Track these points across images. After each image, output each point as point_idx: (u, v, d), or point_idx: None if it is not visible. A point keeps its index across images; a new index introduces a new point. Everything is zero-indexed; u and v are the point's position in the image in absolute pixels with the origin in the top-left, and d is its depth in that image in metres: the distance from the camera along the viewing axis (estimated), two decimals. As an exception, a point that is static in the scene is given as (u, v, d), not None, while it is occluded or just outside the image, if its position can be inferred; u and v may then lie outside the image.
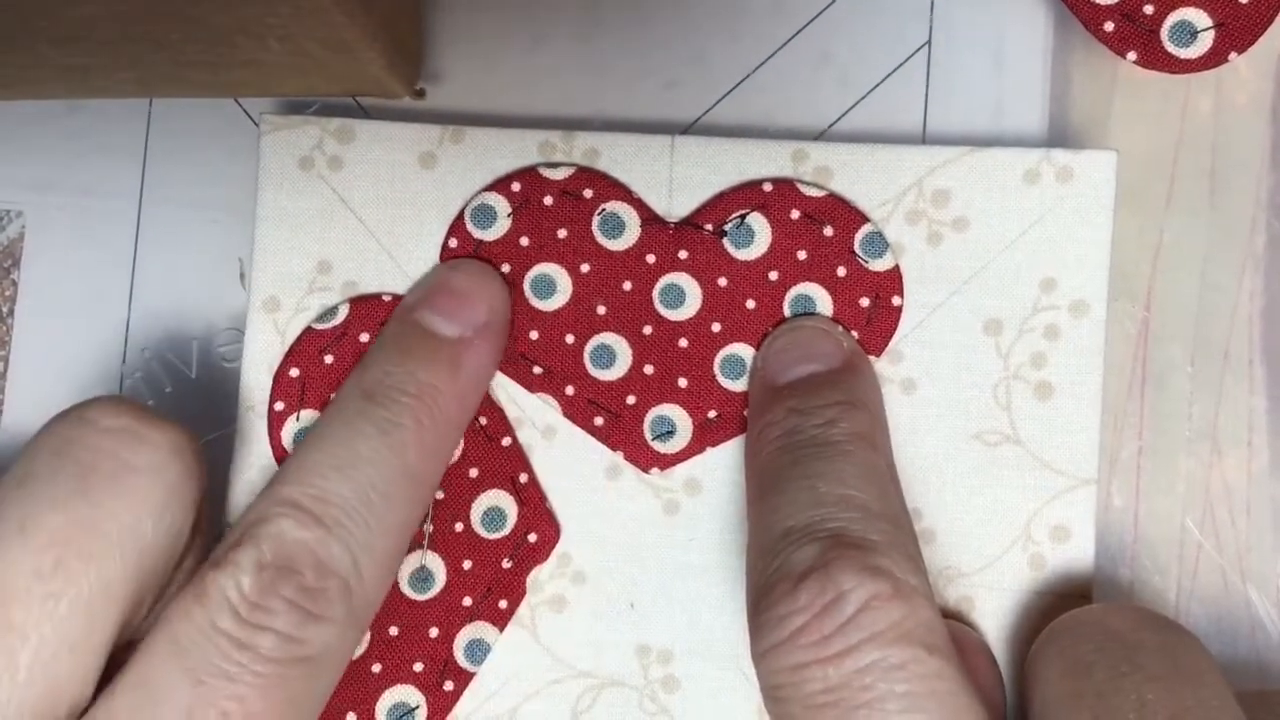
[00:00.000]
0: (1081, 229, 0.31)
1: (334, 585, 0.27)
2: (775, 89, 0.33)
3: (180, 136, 0.34)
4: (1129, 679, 0.25)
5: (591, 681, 0.31)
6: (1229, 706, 0.25)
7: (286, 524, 0.27)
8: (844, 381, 0.30)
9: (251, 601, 0.26)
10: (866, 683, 0.24)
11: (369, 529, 0.27)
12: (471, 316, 0.30)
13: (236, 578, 0.26)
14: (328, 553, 0.27)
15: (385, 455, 0.28)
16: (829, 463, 0.28)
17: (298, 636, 0.26)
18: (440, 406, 0.29)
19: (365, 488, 0.28)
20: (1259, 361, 0.32)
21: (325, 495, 0.27)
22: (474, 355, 0.30)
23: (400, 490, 0.28)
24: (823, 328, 0.31)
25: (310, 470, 0.28)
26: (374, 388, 0.29)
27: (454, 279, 0.31)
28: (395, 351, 0.30)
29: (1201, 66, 0.31)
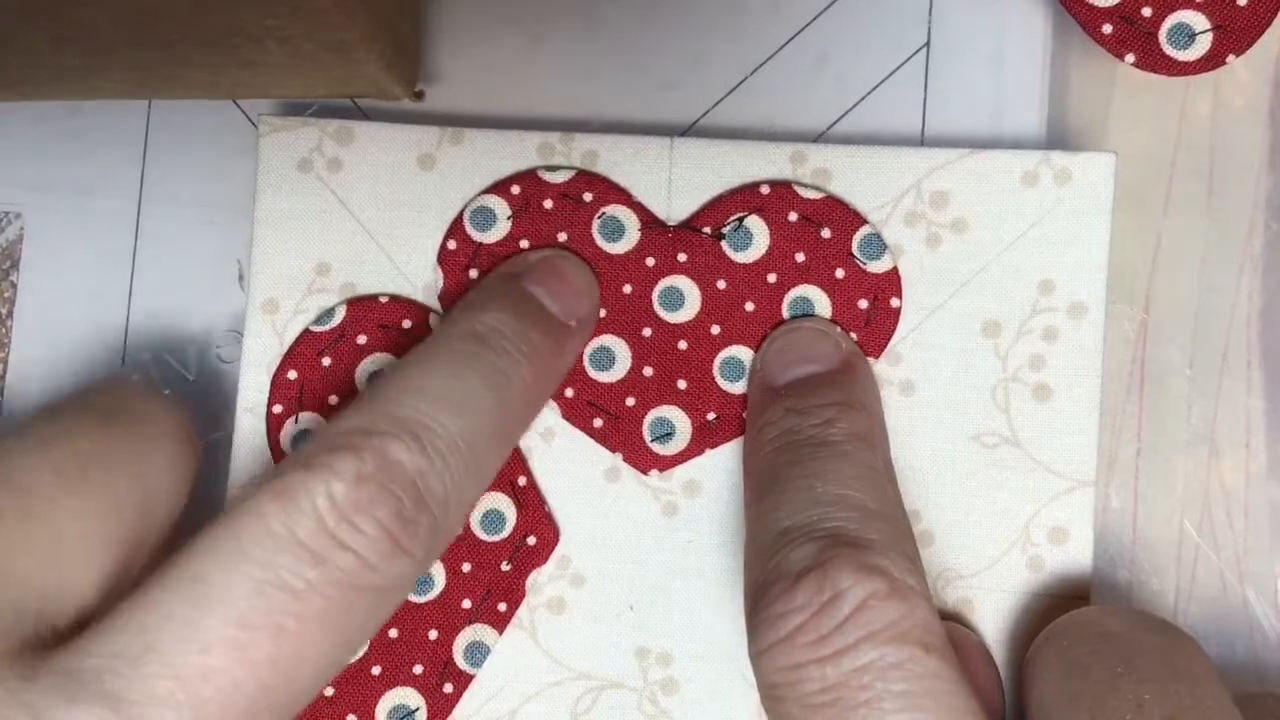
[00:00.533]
0: (1080, 231, 0.31)
1: (426, 520, 0.25)
2: (774, 91, 0.33)
3: (179, 138, 0.34)
4: (1125, 680, 0.25)
5: (591, 683, 0.31)
6: (1226, 707, 0.25)
7: (394, 443, 0.25)
8: (842, 382, 0.30)
9: (342, 514, 0.24)
10: (864, 682, 0.24)
11: (465, 472, 0.26)
12: (576, 307, 0.30)
13: (330, 485, 0.24)
14: (428, 485, 0.25)
15: (491, 405, 0.27)
16: (826, 462, 0.28)
17: (377, 565, 0.24)
18: (541, 374, 0.28)
19: (470, 430, 0.26)
20: (1257, 363, 0.32)
21: (435, 425, 0.26)
22: (572, 343, 0.30)
23: (494, 444, 0.27)
24: (821, 329, 0.31)
25: (422, 396, 0.26)
26: (489, 335, 0.28)
27: (564, 266, 0.31)
28: (509, 308, 0.29)
29: (1200, 69, 0.31)
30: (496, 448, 0.28)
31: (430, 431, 0.26)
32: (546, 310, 0.30)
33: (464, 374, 0.27)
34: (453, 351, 0.27)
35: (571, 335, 0.30)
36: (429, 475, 0.25)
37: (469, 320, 0.28)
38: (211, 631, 0.23)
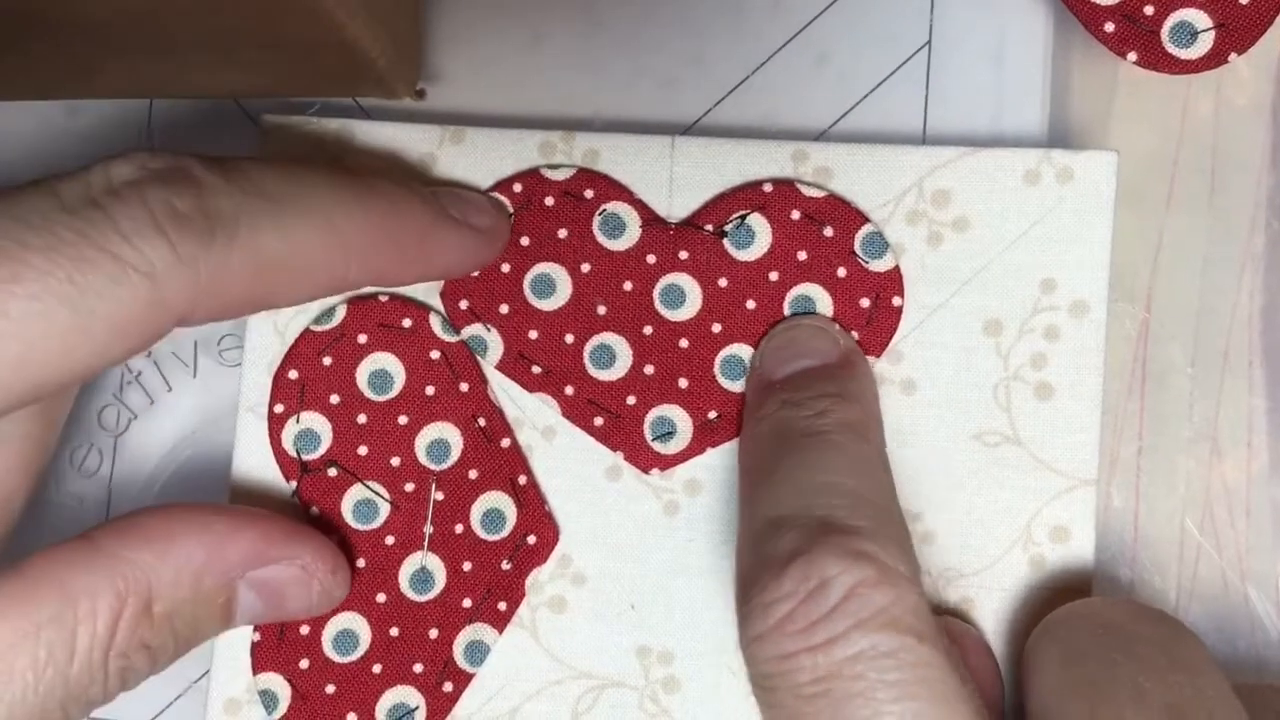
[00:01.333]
0: (1081, 229, 0.31)
1: (200, 224, 0.24)
2: (775, 89, 0.33)
3: (180, 137, 0.34)
4: (1124, 668, 0.25)
5: (592, 682, 0.31)
6: (1225, 695, 0.25)
7: (194, 161, 0.25)
8: (837, 375, 0.30)
9: (111, 187, 0.24)
10: (857, 671, 0.24)
11: (267, 216, 0.25)
12: (474, 217, 0.30)
13: (109, 164, 0.25)
14: (215, 198, 0.25)
15: (324, 194, 0.27)
16: (818, 452, 0.27)
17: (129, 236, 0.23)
18: (401, 222, 0.28)
19: (287, 189, 0.26)
20: (1259, 362, 0.32)
21: (248, 170, 0.26)
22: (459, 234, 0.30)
23: (317, 227, 0.26)
24: (819, 325, 0.31)
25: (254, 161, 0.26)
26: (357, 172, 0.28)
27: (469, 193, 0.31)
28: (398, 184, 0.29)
29: (1202, 67, 0.31)
30: (317, 233, 0.26)
31: (238, 170, 0.25)
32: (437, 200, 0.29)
33: (309, 173, 0.27)
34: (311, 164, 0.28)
35: (460, 228, 0.30)
36: (219, 193, 0.25)
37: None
38: None
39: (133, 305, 0.23)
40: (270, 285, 0.26)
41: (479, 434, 0.32)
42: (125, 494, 0.33)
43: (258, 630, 0.31)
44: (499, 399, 0.32)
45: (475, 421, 0.32)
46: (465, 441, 0.32)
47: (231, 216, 0.25)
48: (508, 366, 0.32)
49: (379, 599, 0.31)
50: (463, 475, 0.31)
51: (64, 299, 0.23)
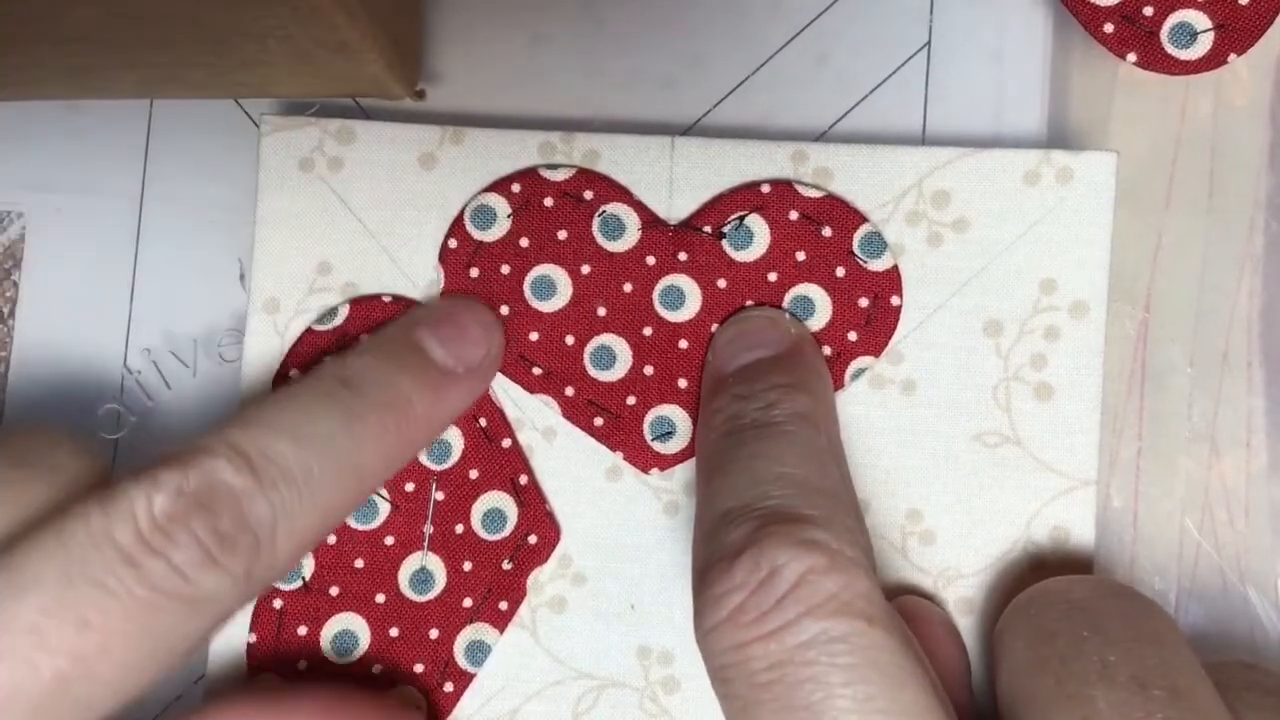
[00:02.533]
0: (1081, 230, 0.31)
1: (245, 540, 0.26)
2: (775, 90, 0.33)
3: (181, 137, 0.34)
4: (1092, 643, 0.25)
5: (592, 683, 0.31)
6: (1191, 667, 0.25)
7: (222, 464, 0.26)
8: (787, 365, 0.30)
9: (158, 523, 0.25)
10: (809, 657, 0.24)
11: (299, 501, 0.26)
12: (468, 354, 0.30)
13: (151, 494, 0.25)
14: (252, 506, 0.26)
15: (342, 441, 0.27)
16: (768, 443, 0.28)
17: (190, 575, 0.25)
18: (409, 422, 0.29)
19: (310, 461, 0.27)
20: (1258, 363, 0.32)
21: (269, 451, 0.26)
22: (457, 391, 0.30)
23: (342, 479, 0.28)
24: (770, 316, 0.31)
25: (263, 424, 0.27)
26: (354, 378, 0.29)
27: (463, 314, 0.31)
28: (385, 355, 0.30)
29: (1201, 68, 0.31)
30: (342, 485, 0.28)
31: (264, 458, 0.26)
32: (429, 357, 0.30)
33: (315, 410, 0.28)
34: (312, 390, 0.28)
35: (458, 382, 0.30)
36: (255, 497, 0.26)
37: (338, 364, 0.29)
38: (15, 614, 0.24)
39: (201, 630, 0.26)
40: (309, 547, 0.28)
41: (480, 434, 0.32)
42: (125, 494, 0.33)
43: (254, 631, 0.31)
44: (500, 399, 0.32)
45: (476, 422, 0.32)
46: (466, 441, 0.32)
47: (270, 520, 0.26)
48: (508, 367, 0.32)
49: (378, 599, 0.31)
50: (463, 475, 0.31)
51: (146, 649, 0.25)
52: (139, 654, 0.24)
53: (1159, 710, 0.24)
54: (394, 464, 0.29)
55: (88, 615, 0.24)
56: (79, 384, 0.34)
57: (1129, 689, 0.24)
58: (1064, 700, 0.25)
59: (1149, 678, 0.25)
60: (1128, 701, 0.24)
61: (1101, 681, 0.25)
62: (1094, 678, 0.25)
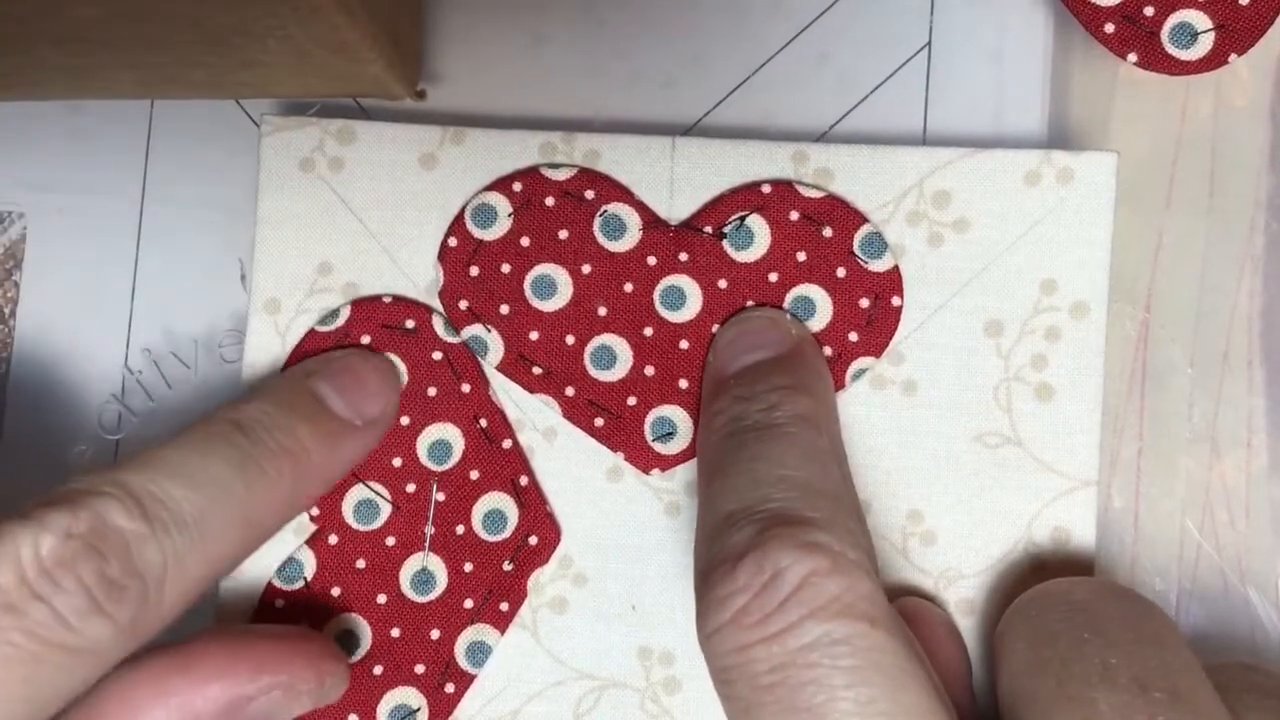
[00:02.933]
0: (1082, 230, 0.31)
1: (135, 587, 0.25)
2: (776, 90, 0.33)
3: (181, 137, 0.34)
4: (1092, 645, 0.26)
5: (593, 683, 0.31)
6: (1192, 668, 0.25)
7: (114, 506, 0.25)
8: (788, 367, 0.30)
9: (43, 567, 0.24)
10: (811, 659, 0.24)
11: (190, 548, 0.26)
12: (366, 407, 0.30)
13: (38, 536, 0.24)
14: (141, 552, 0.25)
15: (235, 486, 0.27)
16: (770, 445, 0.28)
17: (74, 624, 0.24)
18: (303, 470, 0.28)
19: (203, 507, 0.26)
20: (1258, 362, 0.32)
21: (161, 494, 0.26)
22: (353, 441, 0.30)
23: (233, 526, 0.27)
24: (770, 317, 0.31)
25: (156, 467, 0.26)
26: (249, 423, 0.28)
27: (361, 366, 0.31)
28: (281, 402, 0.29)
29: (1201, 68, 0.31)
30: (234, 532, 0.27)
31: (157, 501, 0.25)
32: (325, 407, 0.29)
33: (209, 455, 0.27)
34: (207, 434, 0.27)
35: (355, 434, 0.30)
36: (146, 542, 0.25)
37: (234, 408, 0.28)
38: None
39: (81, 680, 0.25)
40: (194, 597, 0.27)
41: (480, 435, 0.32)
42: (126, 495, 0.33)
43: (259, 631, 0.31)
44: (500, 400, 0.32)
45: (477, 422, 0.32)
46: (467, 442, 0.32)
47: (160, 566, 0.25)
48: (508, 367, 0.32)
49: (380, 600, 0.31)
50: (464, 476, 0.31)
51: (23, 698, 0.24)
52: (17, 704, 0.24)
53: (1160, 712, 0.24)
54: (286, 514, 0.29)
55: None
56: (79, 384, 0.34)
57: (1130, 691, 0.24)
58: (1065, 702, 0.25)
59: (1150, 679, 0.25)
60: (1129, 703, 0.24)
61: (1103, 683, 0.25)
62: (1095, 679, 0.25)
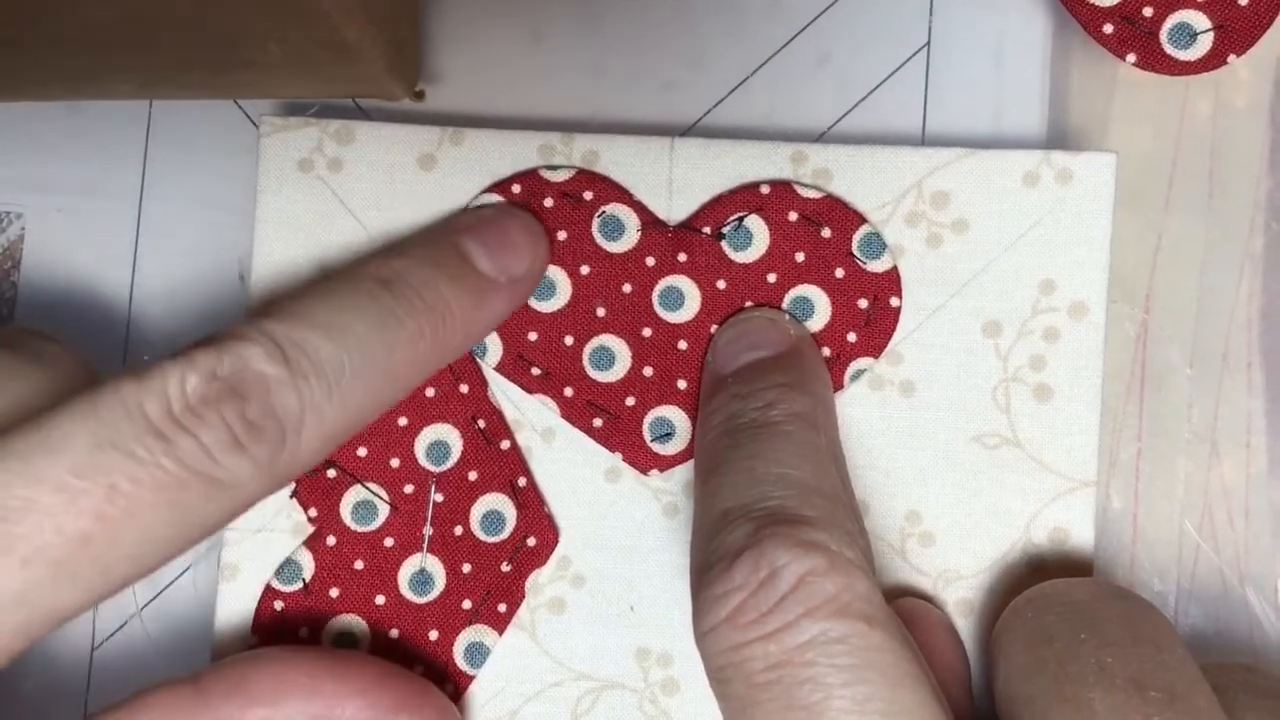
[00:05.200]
0: (1081, 231, 0.31)
1: (272, 428, 0.26)
2: (775, 91, 0.33)
3: (180, 138, 0.34)
4: (1088, 645, 0.26)
5: (591, 684, 0.31)
6: (1188, 668, 0.25)
7: (257, 351, 0.26)
8: (786, 366, 0.30)
9: (188, 403, 0.25)
10: (808, 658, 0.24)
11: (329, 397, 0.26)
12: (512, 264, 0.30)
13: (184, 374, 0.25)
14: (281, 396, 0.26)
15: (377, 342, 0.27)
16: (766, 443, 0.28)
17: (217, 457, 0.25)
18: (446, 328, 0.29)
19: (344, 359, 0.27)
20: (1258, 364, 0.32)
21: (305, 345, 0.26)
22: (498, 300, 0.30)
23: (373, 380, 0.27)
24: (770, 317, 0.31)
25: (300, 317, 0.27)
26: (394, 278, 0.28)
27: (509, 223, 0.31)
28: (427, 258, 0.29)
29: (1201, 69, 0.31)
30: (373, 386, 0.27)
31: (298, 349, 0.26)
32: (470, 264, 0.30)
33: (351, 308, 0.27)
34: (351, 287, 0.28)
35: (498, 290, 0.30)
36: (285, 387, 0.26)
37: (379, 262, 0.29)
38: (45, 472, 0.24)
39: (222, 512, 0.26)
40: (334, 446, 0.28)
41: (478, 435, 0.32)
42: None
43: (255, 633, 0.31)
44: (498, 400, 0.32)
45: (475, 423, 0.32)
46: (465, 443, 0.32)
47: (298, 412, 0.26)
48: (507, 368, 0.32)
49: (378, 601, 0.31)
50: (462, 477, 0.31)
51: (169, 522, 0.25)
52: (162, 526, 0.25)
53: (1156, 712, 0.24)
54: (426, 370, 0.29)
55: (116, 481, 0.24)
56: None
57: (1126, 691, 0.24)
58: (1061, 703, 0.25)
59: (1146, 679, 0.25)
60: (1125, 703, 0.24)
61: (1099, 683, 0.25)
62: (1091, 679, 0.25)
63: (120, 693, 0.28)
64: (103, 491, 0.24)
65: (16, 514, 0.23)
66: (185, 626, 0.33)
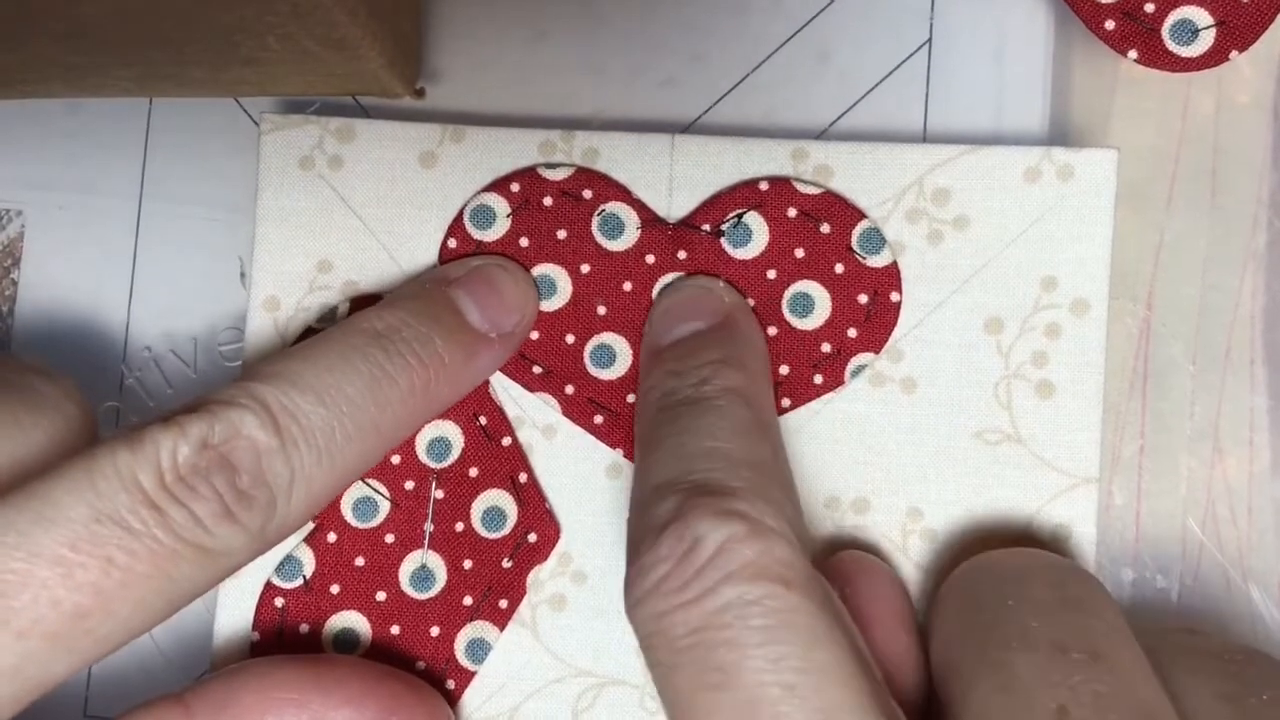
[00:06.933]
0: (1082, 227, 0.31)
1: (262, 496, 0.26)
2: (775, 88, 0.33)
3: (180, 135, 0.34)
4: (1014, 610, 0.26)
5: (592, 680, 0.31)
6: (1115, 630, 0.25)
7: (249, 419, 0.26)
8: (720, 339, 0.30)
9: (180, 473, 0.26)
10: (725, 620, 0.24)
11: (319, 463, 0.27)
12: (502, 320, 0.31)
13: (176, 443, 0.26)
14: (271, 464, 0.26)
15: (367, 402, 0.28)
16: (698, 419, 0.28)
17: (209, 527, 0.26)
18: (437, 383, 0.29)
19: (334, 423, 0.27)
20: (1260, 360, 0.32)
21: (295, 410, 0.27)
22: (487, 355, 0.30)
23: (363, 440, 0.28)
24: (704, 285, 0.31)
25: (291, 379, 0.27)
26: (388, 333, 0.29)
27: (500, 277, 0.31)
28: (422, 312, 0.29)
29: (1203, 65, 0.31)
30: (362, 445, 0.28)
31: (289, 415, 0.27)
32: (462, 318, 0.30)
33: (342, 367, 0.28)
34: (342, 344, 0.28)
35: (490, 347, 0.30)
36: (275, 455, 0.27)
37: (371, 316, 0.29)
38: (42, 546, 0.24)
39: (211, 579, 0.26)
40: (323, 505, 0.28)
41: (479, 432, 0.32)
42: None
43: (256, 629, 0.31)
44: (500, 397, 0.32)
45: (476, 420, 0.32)
46: (466, 440, 0.32)
47: (288, 480, 0.27)
48: (508, 366, 0.32)
49: (379, 597, 0.31)
50: (463, 473, 0.31)
51: (161, 591, 0.25)
52: (154, 596, 0.25)
53: (1077, 673, 0.24)
54: (415, 424, 0.30)
55: (112, 554, 0.25)
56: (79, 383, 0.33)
57: (1048, 653, 0.25)
58: (984, 667, 0.25)
59: (1069, 642, 0.25)
60: (1045, 665, 0.24)
61: (1022, 647, 0.25)
62: (1015, 644, 0.25)
63: (121, 692, 0.28)
64: (99, 565, 0.24)
65: (13, 588, 0.24)
66: (186, 625, 0.33)
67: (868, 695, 0.24)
